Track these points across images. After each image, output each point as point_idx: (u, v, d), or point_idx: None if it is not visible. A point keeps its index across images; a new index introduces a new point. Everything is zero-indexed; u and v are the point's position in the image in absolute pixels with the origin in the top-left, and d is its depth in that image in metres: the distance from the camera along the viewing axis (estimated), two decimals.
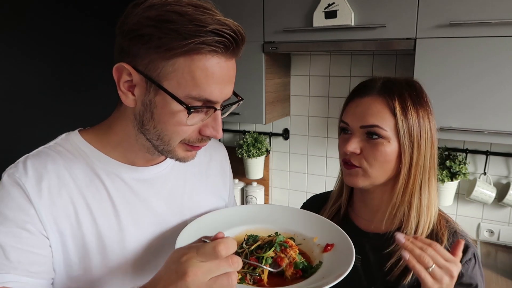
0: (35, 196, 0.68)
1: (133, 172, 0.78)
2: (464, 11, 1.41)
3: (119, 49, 0.68)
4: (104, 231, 0.74)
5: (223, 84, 0.67)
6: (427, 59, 1.49)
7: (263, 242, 0.81)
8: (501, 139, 1.45)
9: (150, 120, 0.68)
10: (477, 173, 1.85)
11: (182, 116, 0.66)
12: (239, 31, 0.65)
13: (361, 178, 0.87)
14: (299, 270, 0.77)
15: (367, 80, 0.91)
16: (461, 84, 1.46)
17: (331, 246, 0.81)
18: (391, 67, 1.92)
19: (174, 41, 0.61)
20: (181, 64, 0.63)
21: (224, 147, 1.02)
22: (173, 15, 0.61)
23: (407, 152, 0.84)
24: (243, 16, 1.78)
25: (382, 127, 0.83)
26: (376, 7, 1.54)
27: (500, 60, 1.39)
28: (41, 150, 0.75)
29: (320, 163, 2.19)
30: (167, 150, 0.71)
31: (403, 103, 0.83)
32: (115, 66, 0.67)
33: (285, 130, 2.24)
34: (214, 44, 0.62)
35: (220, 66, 0.65)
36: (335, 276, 0.69)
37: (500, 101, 1.42)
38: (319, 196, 1.11)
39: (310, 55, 2.09)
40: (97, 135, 0.77)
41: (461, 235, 0.88)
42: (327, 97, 2.10)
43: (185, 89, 0.64)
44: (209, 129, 0.70)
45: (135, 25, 0.64)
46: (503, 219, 1.85)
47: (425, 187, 0.87)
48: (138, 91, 0.67)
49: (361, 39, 1.59)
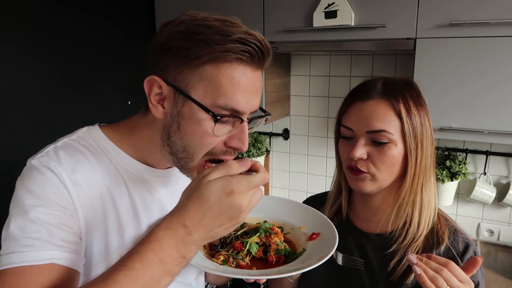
0: (71, 186, 0.68)
1: (151, 172, 0.80)
2: (464, 11, 1.41)
3: (151, 65, 0.70)
4: (125, 228, 0.75)
5: (249, 94, 0.68)
6: (427, 59, 1.49)
7: (250, 229, 0.84)
8: (501, 139, 1.45)
9: (176, 131, 0.69)
10: (477, 173, 1.85)
11: (208, 126, 0.66)
12: (264, 42, 0.66)
13: (369, 183, 0.86)
14: (282, 256, 0.79)
15: (365, 82, 0.90)
16: (461, 84, 1.46)
17: (316, 235, 0.83)
18: (391, 67, 1.92)
19: (200, 50, 0.64)
20: (208, 73, 0.65)
21: None
22: (201, 27, 0.64)
23: (413, 154, 0.84)
24: (243, 16, 1.76)
25: (389, 131, 0.82)
26: (376, 7, 1.54)
27: (500, 60, 1.39)
28: (67, 142, 0.75)
29: (320, 163, 2.19)
30: (187, 168, 0.72)
31: (406, 105, 0.83)
32: (146, 79, 0.69)
33: (285, 130, 2.24)
34: (239, 52, 0.64)
35: (247, 76, 0.66)
36: (315, 259, 0.71)
37: (500, 101, 1.42)
38: (317, 197, 1.11)
39: (310, 55, 2.09)
40: (118, 135, 0.78)
41: (461, 234, 0.88)
42: (327, 97, 2.10)
43: (211, 98, 0.65)
44: (235, 141, 0.70)
45: (166, 39, 0.67)
46: (503, 219, 1.85)
47: (425, 186, 0.87)
48: (168, 104, 0.69)
49: (361, 39, 1.59)
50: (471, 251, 0.85)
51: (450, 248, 0.85)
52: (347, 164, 0.88)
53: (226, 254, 0.77)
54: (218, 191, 0.59)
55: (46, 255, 0.64)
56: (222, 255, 0.77)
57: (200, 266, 0.70)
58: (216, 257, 0.77)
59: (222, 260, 0.76)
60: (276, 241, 0.81)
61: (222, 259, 0.76)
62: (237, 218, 0.60)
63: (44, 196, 0.66)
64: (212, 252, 0.80)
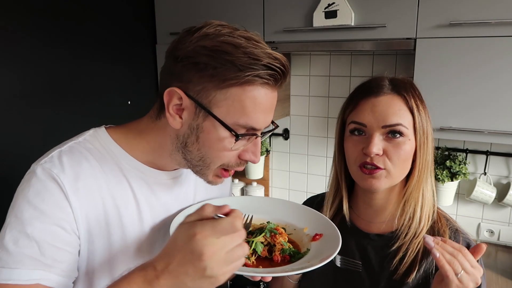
0: (72, 194, 0.68)
1: (157, 175, 0.80)
2: (464, 11, 1.41)
3: (169, 72, 0.70)
4: (129, 233, 0.75)
5: (267, 113, 0.71)
6: (427, 59, 1.49)
7: (254, 229, 0.85)
8: (501, 139, 1.45)
9: (194, 143, 0.71)
10: (477, 173, 1.85)
11: (228, 142, 0.69)
12: (286, 64, 0.69)
13: (384, 180, 0.85)
14: (287, 256, 0.81)
15: (370, 80, 0.90)
16: (461, 84, 1.46)
17: (319, 235, 0.84)
18: (391, 67, 1.92)
19: (229, 72, 0.65)
20: (233, 94, 0.66)
21: None
22: (228, 46, 0.65)
23: (422, 149, 0.86)
24: (243, 16, 1.78)
25: (404, 125, 0.83)
26: (376, 7, 1.54)
27: (500, 60, 1.39)
28: (73, 145, 0.74)
29: (320, 163, 2.19)
30: (203, 173, 0.75)
31: (416, 101, 0.85)
32: (167, 90, 0.69)
33: (285, 130, 2.24)
34: (266, 77, 0.66)
35: (267, 96, 0.69)
36: (319, 260, 0.73)
37: (500, 101, 1.42)
38: (315, 198, 1.11)
39: (310, 55, 2.09)
40: (125, 137, 0.78)
41: (462, 233, 0.88)
42: (327, 97, 2.10)
43: (233, 117, 0.67)
44: (248, 154, 0.73)
45: (190, 52, 0.67)
46: (503, 219, 1.85)
47: (427, 182, 0.89)
48: (186, 115, 0.70)
49: (361, 39, 1.59)
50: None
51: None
52: (360, 162, 0.85)
53: None
54: (184, 234, 0.59)
55: (34, 275, 0.65)
56: None
57: None
58: None
59: None
60: (281, 241, 0.82)
61: None
62: (200, 268, 0.56)
63: (42, 208, 0.66)
64: None
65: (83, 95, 1.76)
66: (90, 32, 1.77)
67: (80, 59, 1.74)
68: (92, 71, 1.79)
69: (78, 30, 1.72)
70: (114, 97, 1.90)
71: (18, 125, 1.52)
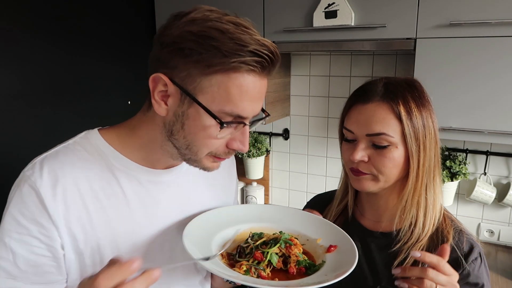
0: (50, 201, 0.69)
1: (151, 174, 0.79)
2: (464, 11, 1.41)
3: (156, 59, 0.69)
4: (119, 234, 0.75)
5: (255, 102, 0.69)
6: (427, 59, 1.49)
7: (268, 239, 0.82)
8: (501, 139, 1.45)
9: (180, 130, 0.70)
10: (477, 173, 1.85)
11: (213, 130, 0.68)
12: (276, 52, 0.67)
13: (370, 183, 0.86)
14: (303, 268, 0.78)
15: (366, 84, 0.90)
16: (461, 84, 1.46)
17: (334, 247, 0.82)
18: (391, 67, 1.92)
19: (214, 58, 0.63)
20: (218, 80, 0.65)
21: None
22: (214, 32, 0.63)
23: (415, 156, 0.83)
24: (242, 17, 1.78)
25: (389, 134, 0.82)
26: (376, 7, 1.54)
27: (500, 60, 1.39)
28: (59, 149, 0.75)
29: (320, 163, 2.19)
30: (194, 160, 0.73)
31: (407, 106, 0.82)
32: (152, 76, 0.68)
33: (285, 130, 2.24)
34: (252, 63, 0.64)
35: (255, 84, 0.67)
36: (337, 273, 0.70)
37: (500, 101, 1.42)
38: (323, 196, 1.11)
39: (310, 55, 2.09)
40: (118, 136, 0.78)
41: (466, 234, 0.88)
42: (327, 97, 2.10)
43: (219, 104, 0.66)
44: (236, 143, 0.71)
45: (176, 38, 0.65)
46: (503, 219, 1.85)
47: (430, 186, 0.87)
48: (172, 102, 0.69)
49: (361, 39, 1.59)
50: (476, 252, 0.84)
51: (454, 248, 0.84)
52: (349, 166, 0.88)
53: (248, 264, 0.76)
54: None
55: (6, 284, 0.68)
56: (244, 265, 0.75)
57: (222, 274, 0.69)
58: (237, 266, 0.76)
59: (245, 271, 0.75)
60: (296, 252, 0.80)
61: (244, 269, 0.75)
62: None
63: (19, 219, 0.68)
64: (231, 262, 0.79)
65: (83, 95, 1.76)
66: (91, 31, 1.77)
67: (80, 58, 1.74)
68: (92, 71, 1.79)
69: (78, 30, 1.72)
70: (114, 97, 1.90)
71: (18, 125, 1.52)
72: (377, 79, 0.89)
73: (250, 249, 0.79)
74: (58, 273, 0.72)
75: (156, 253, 0.79)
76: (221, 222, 0.86)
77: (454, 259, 0.82)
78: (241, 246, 0.81)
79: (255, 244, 0.80)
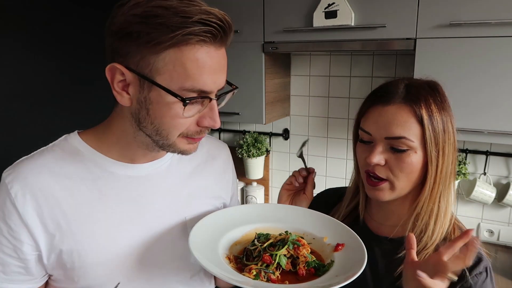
0: (20, 200, 0.70)
1: (129, 169, 0.79)
2: (464, 11, 1.41)
3: (110, 50, 0.69)
4: (95, 230, 0.75)
5: (215, 74, 0.68)
6: (427, 59, 1.49)
7: (276, 240, 0.81)
8: (501, 139, 1.45)
9: (146, 117, 0.69)
10: (477, 173, 1.85)
11: (178, 109, 0.67)
12: (225, 19, 0.65)
13: (387, 192, 0.83)
14: (312, 269, 0.77)
15: (387, 84, 0.86)
16: (461, 84, 1.46)
17: (341, 245, 0.81)
18: (391, 67, 1.92)
19: (162, 35, 0.62)
20: (172, 57, 0.64)
21: (227, 147, 1.02)
22: (158, 9, 0.62)
23: (434, 161, 0.80)
24: (243, 16, 1.78)
25: (409, 138, 0.79)
26: (376, 7, 1.54)
27: (500, 60, 1.39)
28: (37, 152, 0.77)
29: (320, 163, 2.19)
30: (168, 145, 0.72)
31: (429, 110, 0.79)
32: (107, 67, 0.68)
33: (285, 130, 2.24)
34: (201, 34, 0.63)
35: (210, 55, 0.66)
36: (349, 274, 0.69)
37: (500, 101, 1.42)
38: (334, 191, 1.08)
39: (310, 55, 2.09)
40: (95, 135, 0.78)
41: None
42: (327, 97, 2.10)
43: (178, 82, 0.65)
44: (206, 120, 0.70)
45: (123, 24, 0.65)
46: (503, 219, 1.85)
47: (444, 194, 0.83)
48: (132, 90, 0.68)
49: (361, 39, 1.59)
50: (482, 267, 0.80)
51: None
52: (365, 168, 0.85)
53: (257, 268, 0.74)
54: None
55: None
56: (253, 269, 0.74)
57: (232, 281, 0.69)
58: (246, 271, 0.74)
59: (254, 275, 0.73)
60: (305, 253, 0.78)
61: (254, 273, 0.74)
62: None
63: None
64: (239, 265, 0.78)
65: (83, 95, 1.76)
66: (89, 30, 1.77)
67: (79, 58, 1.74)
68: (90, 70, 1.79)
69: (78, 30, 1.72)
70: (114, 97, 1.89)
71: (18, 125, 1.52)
72: (398, 80, 0.86)
73: (258, 252, 0.78)
74: (27, 273, 0.74)
75: (139, 249, 0.79)
76: (225, 225, 0.85)
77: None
78: (248, 248, 0.80)
79: (262, 247, 0.79)
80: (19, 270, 0.73)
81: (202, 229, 0.80)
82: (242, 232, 0.86)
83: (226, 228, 0.85)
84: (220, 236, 0.83)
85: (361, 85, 2.00)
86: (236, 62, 1.83)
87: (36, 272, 0.75)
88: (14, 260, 0.72)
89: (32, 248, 0.72)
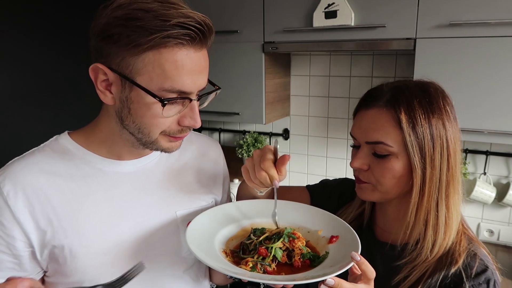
0: (12, 198, 0.72)
1: (117, 166, 0.81)
2: (464, 11, 1.41)
3: (94, 51, 0.72)
4: (84, 225, 0.76)
5: (195, 75, 0.69)
6: (427, 59, 1.49)
7: (271, 234, 0.83)
8: (501, 139, 1.45)
9: (128, 115, 0.72)
10: (477, 173, 1.85)
11: (157, 109, 0.69)
12: (205, 22, 0.67)
13: (370, 192, 0.84)
14: (307, 260, 0.79)
15: (375, 88, 0.85)
16: (461, 84, 1.46)
17: (336, 237, 0.82)
18: (391, 67, 1.92)
19: (141, 37, 0.64)
20: (151, 59, 0.66)
21: (218, 145, 1.03)
22: (139, 12, 0.64)
23: (419, 168, 0.77)
24: (243, 16, 1.78)
25: (387, 143, 0.77)
26: (376, 7, 1.54)
27: (500, 60, 1.39)
28: (29, 152, 0.80)
29: (320, 163, 2.19)
30: (150, 142, 0.75)
31: (410, 114, 0.76)
32: (90, 67, 0.71)
33: (285, 130, 2.24)
34: (179, 36, 0.65)
35: (190, 57, 0.68)
36: (343, 264, 0.70)
37: (500, 101, 1.42)
38: (331, 183, 1.07)
39: (310, 55, 2.09)
40: (84, 135, 0.81)
41: (480, 258, 0.80)
42: (327, 97, 2.10)
43: (157, 82, 0.67)
44: (187, 119, 0.73)
45: (105, 26, 0.67)
46: (503, 219, 1.85)
47: (442, 204, 0.79)
48: (115, 89, 0.71)
49: (361, 39, 1.59)
50: (483, 278, 0.78)
51: (461, 271, 0.78)
52: (354, 173, 0.86)
53: (253, 261, 0.76)
54: None
55: None
56: (250, 262, 0.76)
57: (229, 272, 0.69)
58: (243, 263, 0.76)
59: (251, 267, 0.75)
60: (300, 245, 0.80)
61: (250, 265, 0.75)
62: None
63: None
64: (235, 259, 0.79)
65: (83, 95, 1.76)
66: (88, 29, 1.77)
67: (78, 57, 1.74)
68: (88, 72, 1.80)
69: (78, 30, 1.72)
70: None
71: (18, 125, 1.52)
72: (388, 83, 0.84)
73: (253, 245, 0.80)
74: (21, 269, 0.75)
75: (129, 244, 0.80)
76: (221, 220, 0.87)
77: (457, 282, 0.77)
78: (244, 242, 0.82)
79: (258, 240, 0.80)
80: (13, 266, 0.75)
81: (198, 225, 0.81)
82: (238, 228, 0.88)
83: (222, 224, 0.86)
84: (216, 231, 0.84)
85: (361, 85, 2.00)
86: (236, 62, 1.83)
87: (30, 269, 0.76)
88: (7, 256, 0.74)
89: (25, 244, 0.74)
